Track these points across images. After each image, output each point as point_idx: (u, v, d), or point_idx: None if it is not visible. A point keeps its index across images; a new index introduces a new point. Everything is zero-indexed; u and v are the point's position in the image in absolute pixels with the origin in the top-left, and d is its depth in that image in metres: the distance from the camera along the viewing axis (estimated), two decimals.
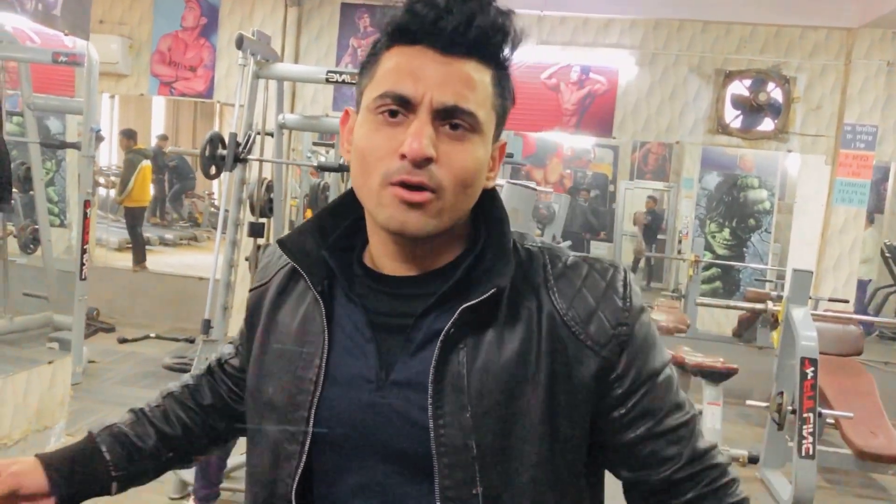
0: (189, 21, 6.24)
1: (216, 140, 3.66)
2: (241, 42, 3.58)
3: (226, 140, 3.63)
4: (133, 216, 7.60)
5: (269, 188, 4.14)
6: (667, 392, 0.83)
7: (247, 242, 3.96)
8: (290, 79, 5.18)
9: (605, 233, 9.67)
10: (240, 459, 3.21)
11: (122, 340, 5.58)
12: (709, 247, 7.59)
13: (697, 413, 0.85)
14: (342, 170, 4.17)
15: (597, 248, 9.50)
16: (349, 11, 6.11)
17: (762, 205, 7.64)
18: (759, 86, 5.72)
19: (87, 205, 4.46)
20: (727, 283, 7.70)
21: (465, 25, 0.77)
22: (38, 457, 0.94)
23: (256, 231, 3.80)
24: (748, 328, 6.38)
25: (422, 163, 0.75)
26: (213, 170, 3.66)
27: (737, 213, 7.66)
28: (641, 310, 0.84)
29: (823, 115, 5.72)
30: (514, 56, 0.83)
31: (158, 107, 11.08)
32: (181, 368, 4.13)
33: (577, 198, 9.38)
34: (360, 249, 0.89)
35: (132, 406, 1.05)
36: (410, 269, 0.84)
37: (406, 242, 0.82)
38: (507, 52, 0.82)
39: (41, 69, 5.25)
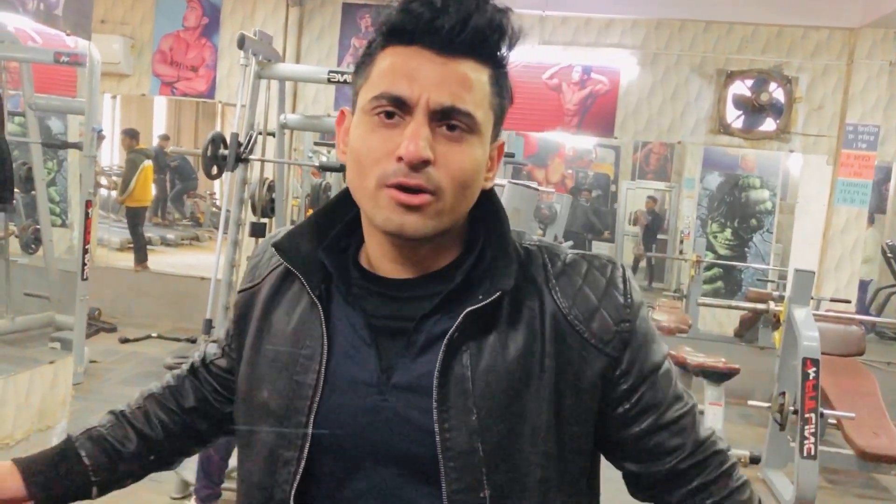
0: (191, 21, 6.25)
1: (218, 140, 3.66)
2: (243, 42, 3.59)
3: (227, 140, 3.64)
4: (134, 216, 7.60)
5: (271, 188, 4.14)
6: (668, 385, 0.84)
7: (248, 242, 3.96)
8: (292, 79, 5.18)
9: (609, 232, 9.66)
10: None
11: (124, 340, 5.58)
12: (710, 247, 7.58)
13: (696, 402, 0.87)
14: (343, 170, 4.16)
15: (598, 249, 9.49)
16: (351, 11, 6.12)
17: (764, 205, 7.63)
18: (761, 86, 5.72)
19: (89, 205, 4.46)
20: (729, 284, 7.70)
21: (462, 24, 0.75)
22: (15, 461, 0.91)
23: (258, 231, 3.81)
24: (750, 328, 6.38)
25: (419, 165, 0.74)
26: (215, 170, 3.66)
27: (738, 214, 7.66)
28: (641, 305, 0.84)
29: (825, 116, 5.71)
30: (512, 54, 0.81)
31: (160, 107, 11.07)
32: None
33: (579, 198, 9.37)
34: (356, 250, 0.87)
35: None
36: (408, 271, 0.83)
37: (404, 244, 0.81)
38: (505, 51, 0.80)
39: (43, 69, 5.26)
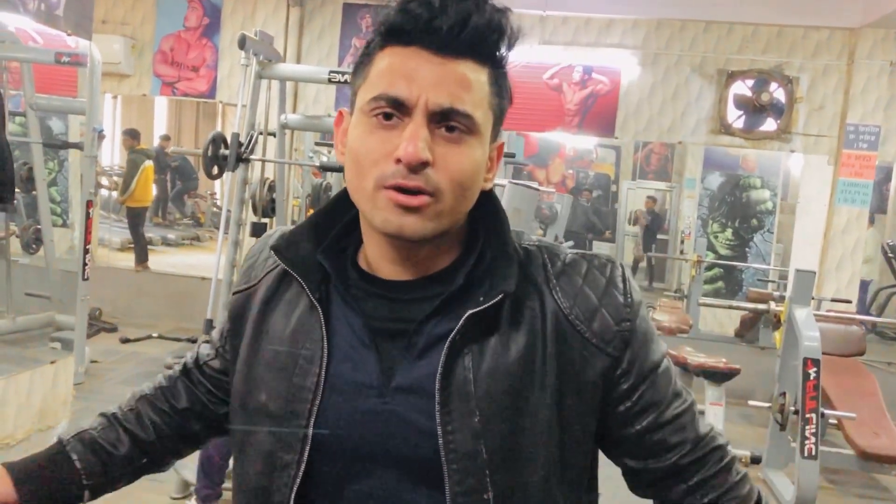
0: (191, 21, 6.25)
1: (219, 140, 3.66)
2: (244, 42, 3.59)
3: (228, 140, 3.64)
4: (135, 216, 7.60)
5: (272, 188, 4.15)
6: (667, 383, 0.84)
7: (249, 242, 3.96)
8: (293, 79, 5.19)
9: (610, 232, 9.66)
10: None
11: (125, 340, 5.59)
12: (711, 247, 7.58)
13: (694, 398, 0.87)
14: (344, 170, 4.17)
15: (599, 248, 9.49)
16: (351, 11, 6.12)
17: (765, 205, 7.63)
18: (762, 86, 5.72)
19: (90, 205, 4.46)
20: (729, 284, 7.70)
21: (461, 25, 0.75)
22: (5, 465, 0.90)
23: (259, 231, 3.81)
24: (751, 328, 6.37)
25: (417, 167, 0.74)
26: (216, 170, 3.67)
27: (739, 214, 7.66)
28: (641, 304, 0.84)
29: (826, 116, 5.71)
30: (512, 54, 0.81)
31: (161, 107, 11.07)
32: None
33: (580, 198, 9.37)
34: (354, 251, 0.87)
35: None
36: (407, 273, 0.82)
37: (403, 246, 0.80)
38: (504, 51, 0.80)
39: (44, 69, 5.26)
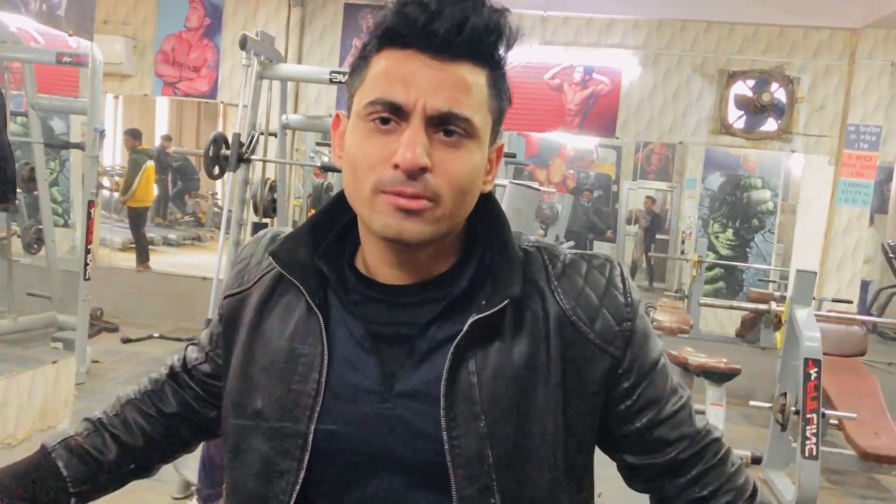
0: (193, 21, 6.26)
1: (220, 140, 3.67)
2: (245, 42, 3.60)
3: (229, 140, 3.65)
4: (136, 216, 7.61)
5: (273, 188, 4.15)
6: (665, 380, 0.85)
7: None
8: (294, 79, 5.19)
9: (612, 232, 9.66)
10: None
11: (126, 340, 5.60)
12: (712, 247, 7.58)
13: (689, 393, 0.88)
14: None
15: (600, 248, 9.48)
16: (352, 12, 6.12)
17: (765, 205, 7.63)
18: (763, 86, 5.72)
19: (91, 205, 4.46)
20: (730, 284, 7.70)
21: (458, 27, 0.73)
22: None
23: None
24: (751, 329, 6.37)
25: (415, 173, 0.73)
26: (217, 170, 3.67)
27: (740, 214, 7.66)
28: (640, 303, 0.85)
29: (827, 116, 5.71)
30: (512, 55, 0.79)
31: (162, 107, 11.08)
32: None
33: (580, 198, 9.37)
34: (351, 254, 0.86)
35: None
36: (407, 277, 0.81)
37: (402, 250, 0.79)
38: (503, 52, 0.78)
39: (45, 69, 5.27)
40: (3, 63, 4.81)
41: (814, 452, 3.41)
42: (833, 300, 5.15)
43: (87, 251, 4.49)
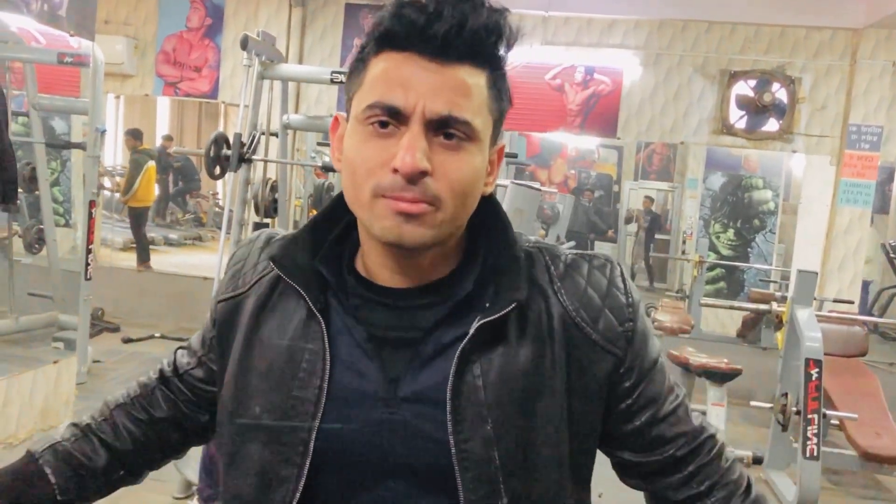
0: (194, 21, 6.26)
1: (221, 140, 3.67)
2: (246, 42, 3.60)
3: (230, 140, 3.65)
4: (137, 216, 7.62)
5: (274, 188, 4.15)
6: (663, 378, 0.86)
7: None
8: (295, 79, 5.19)
9: (613, 232, 9.65)
10: None
11: (127, 340, 5.60)
12: (713, 247, 7.58)
13: (684, 390, 0.90)
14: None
15: (601, 248, 9.48)
16: (353, 12, 6.12)
17: (767, 205, 7.63)
18: (764, 86, 5.72)
19: (93, 205, 4.47)
20: (731, 284, 7.69)
21: (457, 29, 0.72)
22: None
23: None
24: (752, 329, 6.37)
25: (415, 177, 0.72)
26: (218, 170, 3.67)
27: (741, 214, 7.65)
28: (640, 303, 0.85)
29: (828, 116, 5.71)
30: (513, 55, 0.78)
31: (163, 107, 11.09)
32: None
33: (582, 198, 9.37)
34: (351, 255, 0.85)
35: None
36: (408, 281, 0.81)
37: (403, 254, 0.78)
38: (503, 52, 0.77)
39: (46, 70, 5.27)
40: (5, 63, 4.81)
41: (815, 453, 3.41)
42: (834, 300, 5.15)
43: (89, 251, 4.49)
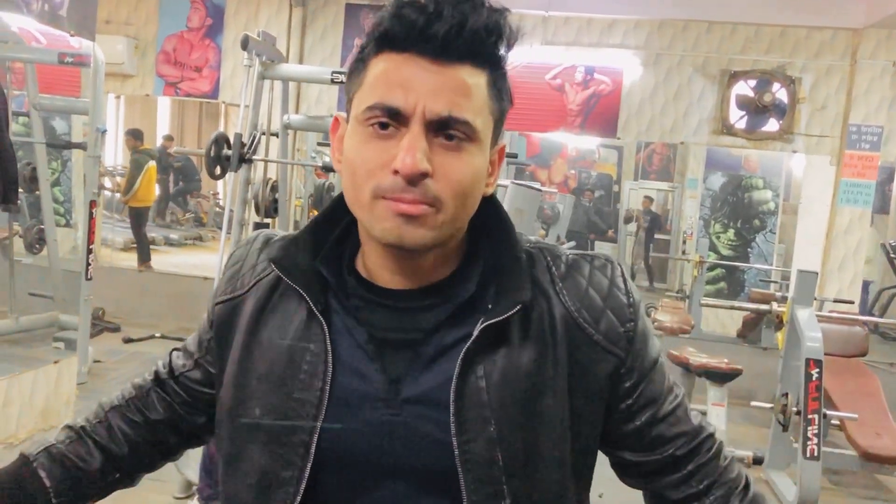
0: (194, 22, 6.26)
1: (221, 140, 3.67)
2: (247, 43, 3.60)
3: (231, 140, 3.65)
4: (138, 216, 7.62)
5: (274, 188, 4.15)
6: (663, 378, 0.86)
7: None
8: (295, 79, 5.19)
9: (613, 232, 9.65)
10: None
11: (128, 340, 5.60)
12: (713, 247, 7.58)
13: (683, 390, 0.89)
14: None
15: (601, 248, 9.48)
16: (354, 12, 6.13)
17: (767, 205, 7.63)
18: (764, 86, 5.72)
19: (93, 205, 4.47)
20: (732, 284, 7.69)
21: (457, 29, 0.72)
22: None
23: None
24: (753, 329, 6.37)
25: (416, 179, 0.71)
26: (219, 170, 3.67)
27: (741, 214, 7.65)
28: (640, 303, 0.85)
29: (828, 116, 5.71)
30: (513, 55, 0.78)
31: (164, 107, 11.09)
32: None
33: (582, 198, 9.37)
34: (351, 256, 0.84)
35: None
36: (409, 282, 0.80)
37: (403, 255, 0.78)
38: (503, 52, 0.77)
39: (47, 70, 5.27)
40: (6, 63, 4.81)
41: (815, 453, 3.41)
42: (834, 300, 5.15)
43: (89, 251, 4.49)
